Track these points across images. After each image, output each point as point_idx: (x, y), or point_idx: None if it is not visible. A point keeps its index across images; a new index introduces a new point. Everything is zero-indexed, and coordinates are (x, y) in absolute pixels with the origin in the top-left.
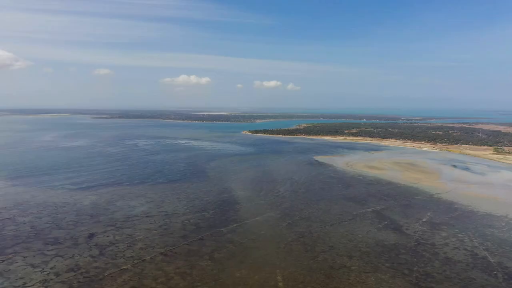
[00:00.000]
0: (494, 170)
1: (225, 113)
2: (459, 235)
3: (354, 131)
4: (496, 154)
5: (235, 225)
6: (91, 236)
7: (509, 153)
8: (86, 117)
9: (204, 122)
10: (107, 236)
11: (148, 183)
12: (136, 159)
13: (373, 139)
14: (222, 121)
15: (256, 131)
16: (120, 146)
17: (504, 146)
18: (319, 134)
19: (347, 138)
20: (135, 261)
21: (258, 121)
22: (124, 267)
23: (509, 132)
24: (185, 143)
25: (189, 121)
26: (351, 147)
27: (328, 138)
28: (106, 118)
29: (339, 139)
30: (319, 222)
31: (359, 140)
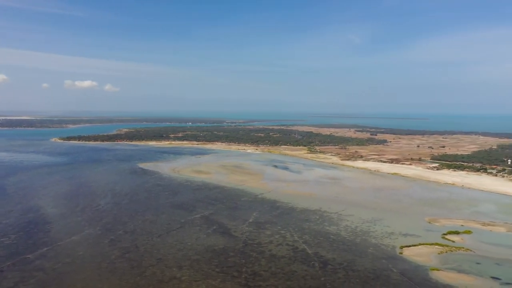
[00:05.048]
0: (309, 168)
1: (28, 118)
2: (282, 231)
3: (180, 135)
4: (309, 153)
5: (45, 249)
6: None
7: (320, 152)
8: None
9: None
10: None
11: None
12: None
13: (200, 142)
14: (25, 127)
15: (69, 138)
16: None
17: (316, 145)
18: (142, 140)
19: (173, 142)
20: None
21: (71, 126)
22: None
23: (320, 133)
24: None
25: None
26: (178, 152)
27: (152, 143)
28: None
29: (165, 144)
30: (146, 234)
31: (186, 144)
